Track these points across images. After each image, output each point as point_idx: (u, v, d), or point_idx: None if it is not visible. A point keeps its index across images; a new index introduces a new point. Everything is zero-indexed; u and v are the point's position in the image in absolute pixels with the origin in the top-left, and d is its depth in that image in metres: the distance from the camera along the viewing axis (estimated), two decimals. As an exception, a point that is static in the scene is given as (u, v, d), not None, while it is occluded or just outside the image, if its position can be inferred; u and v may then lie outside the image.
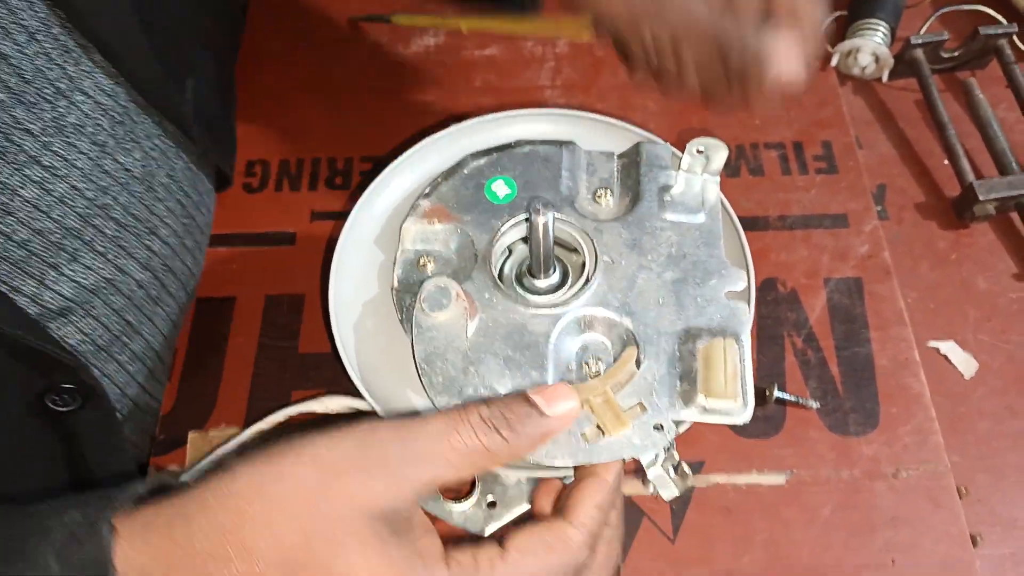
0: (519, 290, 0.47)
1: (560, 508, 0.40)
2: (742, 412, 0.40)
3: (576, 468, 0.41)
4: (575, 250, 0.48)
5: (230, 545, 0.34)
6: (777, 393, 0.57)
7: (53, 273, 0.49)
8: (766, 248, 0.63)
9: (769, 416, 0.57)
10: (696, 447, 0.56)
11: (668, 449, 0.41)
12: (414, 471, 0.36)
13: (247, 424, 0.58)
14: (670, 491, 0.42)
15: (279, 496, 0.35)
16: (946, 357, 0.60)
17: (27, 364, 0.47)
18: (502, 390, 0.42)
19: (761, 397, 0.57)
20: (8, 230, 0.46)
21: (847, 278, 0.62)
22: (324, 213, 0.68)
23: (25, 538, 0.35)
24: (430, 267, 0.47)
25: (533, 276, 0.47)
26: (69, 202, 0.48)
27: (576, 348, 0.45)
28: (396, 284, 0.47)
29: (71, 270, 0.50)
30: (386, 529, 0.35)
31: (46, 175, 0.47)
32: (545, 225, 0.43)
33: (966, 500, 0.54)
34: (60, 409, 0.50)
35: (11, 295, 0.47)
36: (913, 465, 0.55)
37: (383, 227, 0.53)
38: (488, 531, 0.51)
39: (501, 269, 0.49)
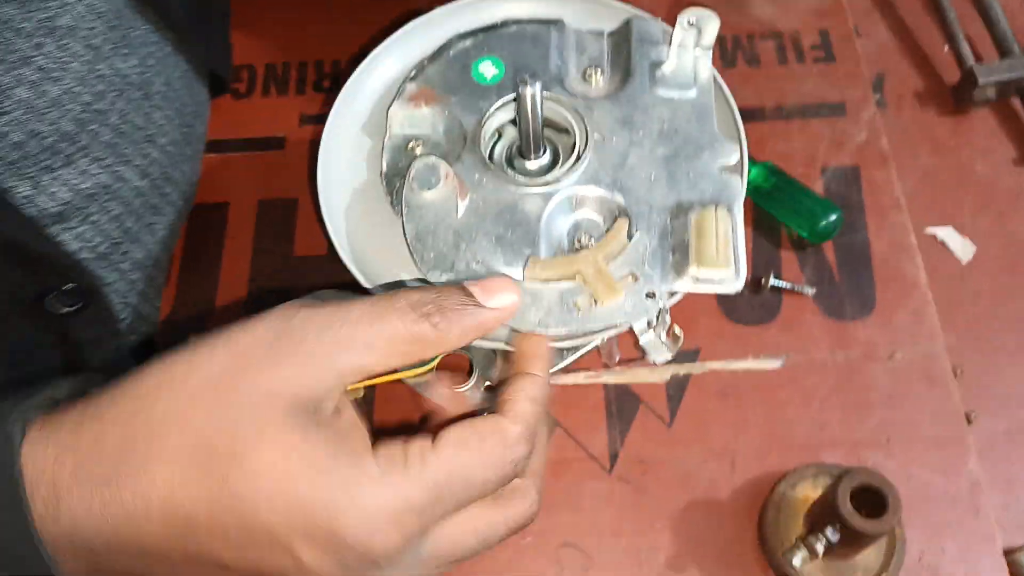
0: (509, 171, 0.46)
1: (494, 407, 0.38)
2: (734, 280, 0.40)
3: (508, 363, 0.41)
4: (565, 131, 0.48)
5: (139, 441, 0.33)
6: (773, 281, 0.57)
7: (47, 176, 0.49)
8: (763, 138, 0.63)
9: (765, 303, 0.57)
10: (692, 335, 0.56)
11: (660, 315, 0.41)
12: (336, 358, 0.34)
13: (245, 325, 0.59)
14: (662, 355, 0.42)
15: (188, 387, 0.33)
16: (943, 243, 0.60)
17: (24, 267, 0.47)
18: (496, 265, 0.42)
19: (756, 285, 0.58)
20: (3, 130, 0.45)
21: (844, 167, 0.62)
22: (312, 116, 0.67)
23: None
24: (419, 151, 0.46)
25: (523, 157, 0.47)
26: (64, 106, 0.48)
27: (568, 226, 0.45)
28: (385, 168, 0.46)
29: (68, 174, 0.50)
30: (305, 419, 0.33)
31: (40, 76, 0.46)
32: (533, 97, 0.42)
33: (960, 380, 0.55)
34: (60, 312, 0.49)
35: (4, 196, 0.47)
36: (908, 347, 0.55)
37: (370, 114, 0.52)
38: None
39: (491, 152, 0.49)
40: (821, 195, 0.60)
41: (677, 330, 0.43)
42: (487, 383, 0.52)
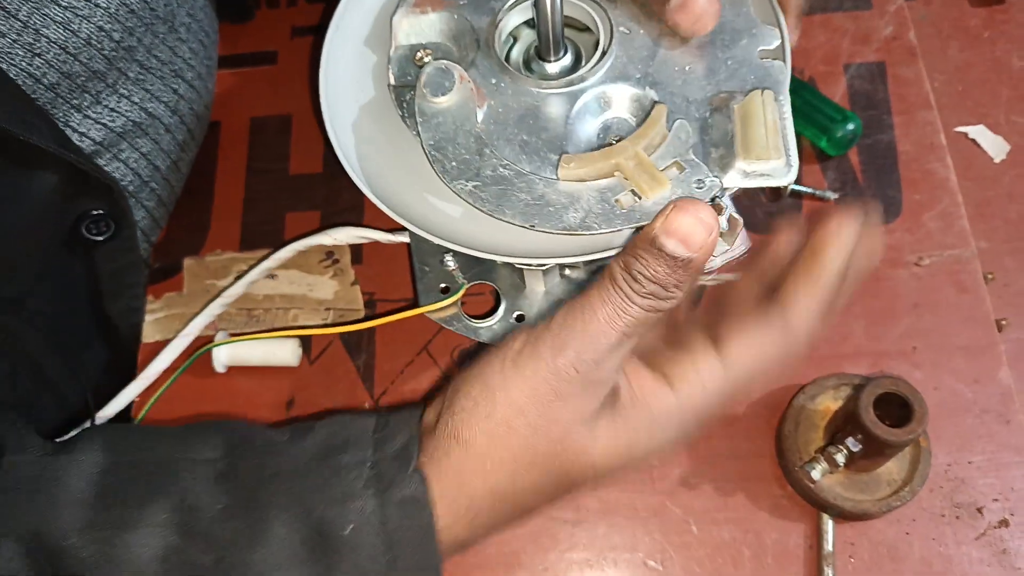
0: (524, 74, 0.43)
1: (778, 290, 0.38)
2: (787, 172, 0.37)
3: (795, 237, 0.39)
4: (587, 29, 0.44)
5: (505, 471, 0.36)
6: (793, 186, 0.54)
7: (77, 116, 0.48)
8: (781, 36, 0.59)
9: (784, 211, 0.54)
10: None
11: (715, 202, 0.37)
12: (597, 378, 0.36)
13: (242, 248, 0.57)
14: (720, 245, 0.39)
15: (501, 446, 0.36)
16: (975, 141, 0.56)
17: (68, 188, 0.47)
18: (526, 167, 0.39)
19: (775, 192, 0.54)
20: (38, 73, 0.44)
21: (869, 63, 0.58)
22: (305, 28, 0.64)
23: (334, 480, 0.36)
24: (427, 60, 0.43)
25: (543, 60, 0.43)
26: (96, 44, 0.47)
27: (596, 129, 0.41)
28: (392, 81, 0.43)
29: (97, 113, 0.49)
30: (602, 420, 0.36)
31: (68, 15, 0.45)
32: None
33: (992, 285, 0.52)
34: (93, 237, 0.49)
35: (51, 118, 0.46)
36: (937, 251, 0.52)
37: (372, 26, 0.48)
38: None
39: (507, 57, 0.45)
40: (844, 93, 0.56)
41: (735, 213, 0.39)
42: (518, 313, 0.50)
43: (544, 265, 0.46)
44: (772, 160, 0.37)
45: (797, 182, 0.54)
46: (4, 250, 0.46)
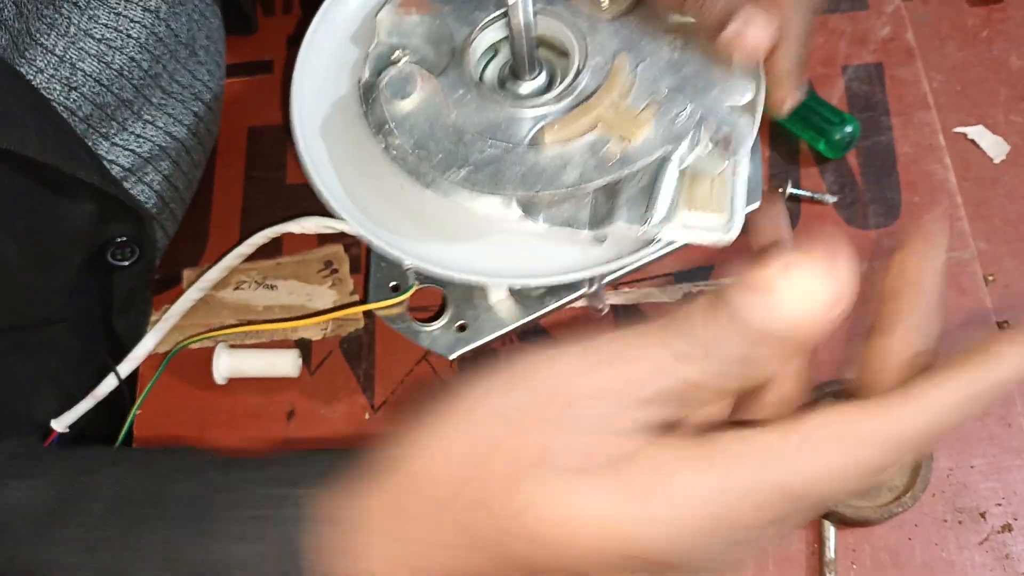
0: (500, 92, 0.43)
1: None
2: (727, 230, 0.37)
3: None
4: (565, 54, 0.44)
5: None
6: (790, 190, 0.54)
7: (105, 144, 0.49)
8: (778, 38, 0.58)
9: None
10: (705, 251, 0.53)
11: (700, 125, 0.37)
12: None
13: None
14: (718, 164, 0.39)
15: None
16: (974, 142, 0.56)
17: (102, 215, 0.48)
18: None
19: (773, 195, 0.54)
20: (74, 106, 0.45)
21: (867, 64, 0.57)
22: (302, 37, 0.64)
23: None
24: (404, 60, 0.43)
25: (517, 77, 0.43)
26: (127, 74, 0.47)
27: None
28: (366, 75, 0.43)
29: (123, 140, 0.49)
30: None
31: (102, 48, 0.45)
32: (524, 6, 0.38)
33: (992, 287, 0.52)
34: (118, 263, 0.50)
35: (87, 146, 0.46)
36: (936, 254, 0.52)
37: (361, 22, 0.48)
38: (453, 356, 0.49)
39: (483, 71, 0.45)
40: (842, 95, 0.56)
41: (724, 129, 0.39)
42: (460, 323, 0.50)
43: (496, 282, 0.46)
44: (713, 215, 0.37)
45: (796, 185, 0.54)
46: (39, 275, 0.47)
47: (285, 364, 0.52)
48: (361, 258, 0.55)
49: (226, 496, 0.32)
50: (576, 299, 0.51)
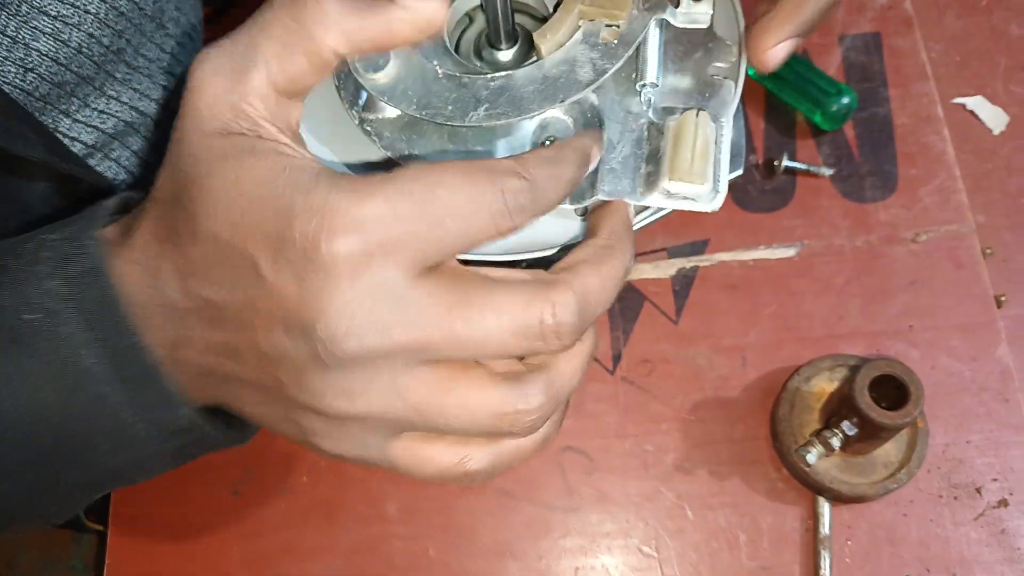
0: (474, 62, 0.42)
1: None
2: (711, 199, 0.36)
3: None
4: (544, 20, 0.43)
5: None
6: (786, 162, 0.52)
7: (67, 121, 0.47)
8: (773, 8, 0.57)
9: (778, 188, 0.53)
10: (699, 225, 0.52)
11: None
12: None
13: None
14: (705, 9, 0.38)
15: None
16: (973, 113, 0.55)
17: (62, 193, 0.47)
18: (452, 156, 0.38)
19: (769, 168, 0.53)
20: (31, 87, 0.43)
21: (864, 33, 0.56)
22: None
23: (16, 265, 0.32)
24: None
25: (493, 47, 0.42)
26: (86, 51, 0.46)
27: (533, 127, 0.40)
28: None
29: (85, 116, 0.48)
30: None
31: (58, 26, 0.43)
32: None
33: (990, 260, 0.51)
34: None
35: (47, 127, 0.45)
36: (934, 227, 0.51)
37: None
38: None
39: (459, 41, 0.44)
40: (839, 66, 0.55)
41: None
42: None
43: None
44: (695, 185, 0.36)
45: (792, 158, 0.53)
46: None
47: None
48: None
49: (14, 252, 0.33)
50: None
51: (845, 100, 0.52)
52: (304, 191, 0.27)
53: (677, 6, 0.38)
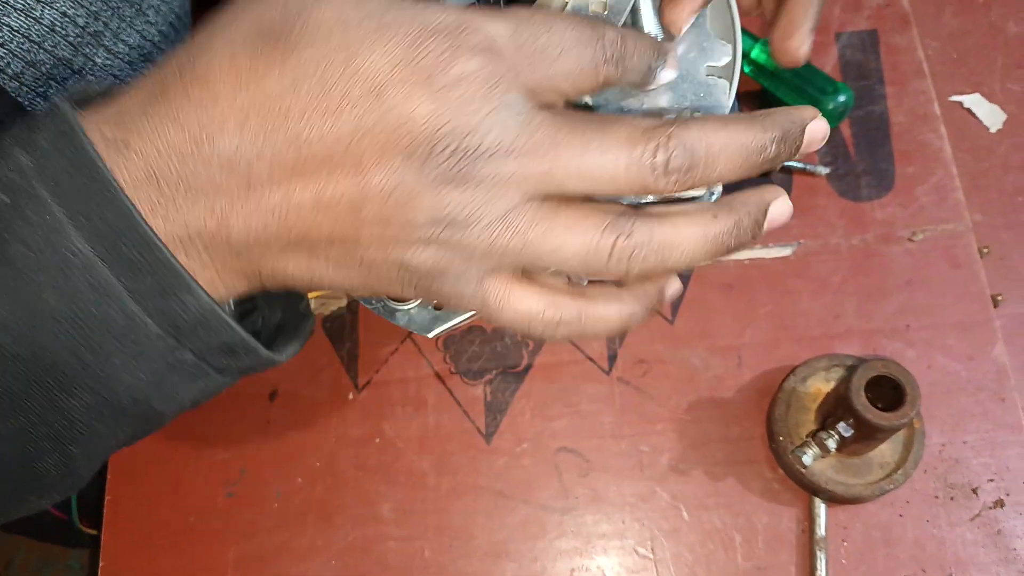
0: None
1: None
2: (707, 198, 0.36)
3: None
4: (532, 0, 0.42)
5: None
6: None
7: (42, 104, 0.46)
8: (769, 5, 0.57)
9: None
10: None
11: None
12: None
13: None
14: None
15: None
16: (970, 111, 0.55)
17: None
18: None
19: (765, 167, 0.53)
20: (2, 63, 0.43)
21: (861, 31, 0.56)
22: None
23: None
24: None
25: None
26: (60, 31, 0.45)
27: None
28: None
29: None
30: None
31: (30, 2, 0.43)
32: None
33: (987, 259, 0.51)
34: None
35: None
36: (930, 226, 0.51)
37: None
38: (432, 334, 0.48)
39: None
40: (835, 64, 0.55)
41: None
42: (436, 300, 0.48)
43: None
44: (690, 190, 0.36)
45: (787, 157, 0.53)
46: None
47: (266, 344, 0.51)
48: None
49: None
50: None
51: (841, 98, 0.51)
52: (432, 11, 0.27)
53: None
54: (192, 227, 0.28)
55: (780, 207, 0.30)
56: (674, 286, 0.33)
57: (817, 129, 0.30)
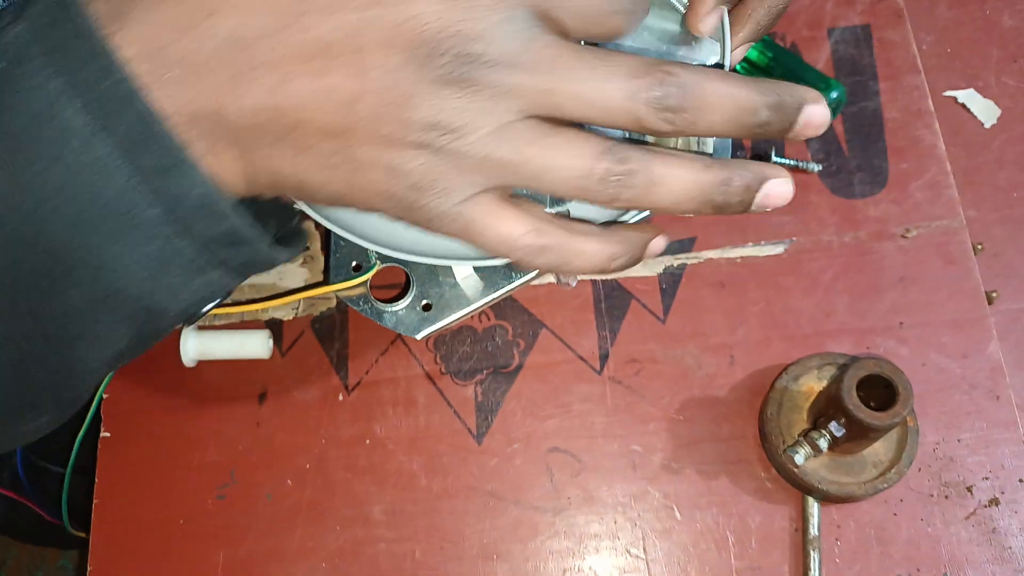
0: None
1: None
2: None
3: None
4: None
5: None
6: (774, 158, 0.52)
7: None
8: (762, 0, 0.56)
9: (766, 183, 0.52)
10: (686, 223, 0.52)
11: None
12: None
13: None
14: None
15: None
16: (964, 106, 0.54)
17: None
18: None
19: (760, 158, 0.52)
20: None
21: (854, 26, 0.55)
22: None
23: None
24: None
25: None
26: None
27: None
28: None
29: None
30: None
31: None
32: None
33: (981, 256, 0.50)
34: None
35: None
36: (924, 222, 0.51)
37: None
38: (421, 335, 0.48)
39: None
40: (828, 59, 0.54)
41: None
42: (425, 302, 0.48)
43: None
44: None
45: (780, 153, 0.52)
46: None
47: (256, 345, 0.50)
48: (331, 236, 0.54)
49: None
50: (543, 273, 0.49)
51: (834, 94, 0.51)
52: None
53: None
54: (190, 106, 0.27)
55: (778, 186, 0.30)
56: (658, 241, 0.33)
57: (815, 113, 0.29)
